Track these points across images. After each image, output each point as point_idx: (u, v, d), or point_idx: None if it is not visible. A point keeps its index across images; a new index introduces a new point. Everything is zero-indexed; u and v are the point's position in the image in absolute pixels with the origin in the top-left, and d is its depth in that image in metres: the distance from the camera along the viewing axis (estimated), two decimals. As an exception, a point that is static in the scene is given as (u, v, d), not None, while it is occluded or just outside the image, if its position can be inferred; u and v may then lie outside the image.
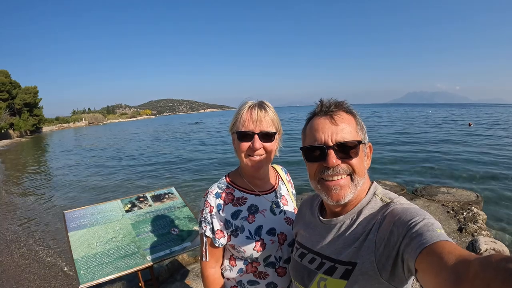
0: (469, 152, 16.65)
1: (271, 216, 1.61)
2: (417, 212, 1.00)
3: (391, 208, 1.08)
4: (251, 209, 1.58)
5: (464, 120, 44.30)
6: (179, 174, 14.06)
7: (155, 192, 3.35)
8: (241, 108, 1.54)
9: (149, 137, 40.05)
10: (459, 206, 6.25)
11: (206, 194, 1.60)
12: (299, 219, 1.49)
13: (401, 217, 1.00)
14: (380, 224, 1.06)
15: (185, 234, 2.81)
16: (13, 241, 6.95)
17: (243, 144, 1.51)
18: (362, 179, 1.16)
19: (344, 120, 1.15)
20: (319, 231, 1.28)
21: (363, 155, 1.18)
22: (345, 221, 1.18)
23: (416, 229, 0.92)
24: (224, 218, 1.54)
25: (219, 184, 1.63)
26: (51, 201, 10.63)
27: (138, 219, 2.93)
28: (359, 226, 1.13)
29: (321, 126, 1.16)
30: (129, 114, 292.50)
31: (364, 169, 1.17)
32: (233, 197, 1.59)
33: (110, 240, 2.67)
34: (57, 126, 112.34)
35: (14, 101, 79.82)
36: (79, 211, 3.02)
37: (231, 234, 1.55)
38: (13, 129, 71.96)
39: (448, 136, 24.76)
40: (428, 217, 0.96)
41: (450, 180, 11.03)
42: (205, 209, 1.55)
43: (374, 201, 1.17)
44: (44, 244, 6.66)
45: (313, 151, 1.17)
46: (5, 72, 79.18)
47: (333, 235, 1.20)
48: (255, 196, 1.62)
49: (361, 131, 1.19)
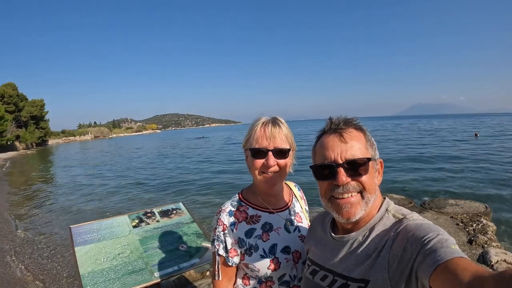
0: (477, 162, 16.57)
1: (285, 234, 1.58)
2: (430, 228, 0.98)
3: (404, 224, 1.06)
4: (265, 227, 1.55)
5: (470, 130, 44.06)
6: (186, 190, 14.02)
7: (162, 207, 3.32)
8: (254, 125, 1.53)
9: (155, 152, 40.11)
10: (468, 218, 6.16)
11: (219, 212, 1.57)
12: (311, 235, 1.47)
13: (415, 234, 0.98)
14: (393, 241, 1.04)
15: (194, 250, 2.76)
16: (17, 252, 6.93)
17: (257, 161, 1.49)
18: (373, 196, 1.14)
19: (353, 137, 1.15)
20: (331, 248, 1.26)
21: (374, 172, 1.17)
22: (357, 238, 1.16)
23: (430, 245, 0.90)
24: (237, 236, 1.52)
25: (232, 202, 1.60)
26: (56, 214, 10.63)
27: (146, 235, 2.89)
28: (371, 243, 1.11)
29: (330, 144, 1.15)
30: (134, 128, 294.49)
31: (374, 186, 1.16)
32: (247, 215, 1.56)
33: (117, 256, 2.64)
34: (63, 139, 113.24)
35: (20, 113, 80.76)
36: (86, 226, 2.99)
37: (245, 252, 1.51)
38: (19, 141, 72.57)
39: (454, 147, 24.69)
40: (442, 233, 0.95)
41: (458, 192, 10.93)
42: (218, 227, 1.53)
43: (386, 218, 1.15)
44: (49, 257, 6.62)
45: (323, 170, 1.16)
46: (12, 84, 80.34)
47: (345, 252, 1.18)
48: (269, 214, 1.59)
49: (371, 147, 1.18)
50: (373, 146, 1.19)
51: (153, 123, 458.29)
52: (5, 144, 60.69)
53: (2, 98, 73.78)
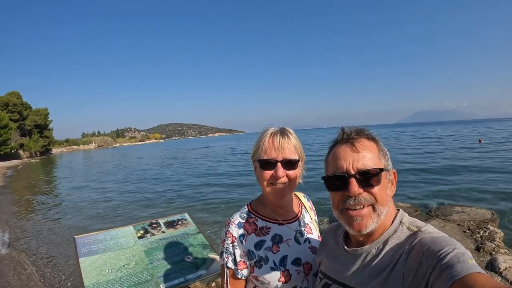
0: (481, 169, 16.50)
1: (296, 245, 1.55)
2: (446, 241, 0.96)
3: (419, 237, 1.04)
4: (275, 239, 1.53)
5: (474, 136, 43.92)
6: (191, 200, 13.97)
7: (168, 218, 3.29)
8: (262, 135, 1.52)
9: (159, 162, 40.09)
10: (475, 225, 6.13)
11: (227, 224, 1.55)
12: (323, 248, 1.45)
13: (430, 247, 0.96)
14: (408, 254, 1.02)
15: (200, 261, 2.72)
16: (19, 262, 6.90)
17: (266, 173, 1.47)
18: (385, 208, 1.12)
19: (365, 147, 1.14)
20: (344, 261, 1.24)
21: (387, 183, 1.15)
22: (371, 251, 1.14)
23: (447, 260, 0.88)
24: (247, 248, 1.49)
25: (241, 214, 1.58)
26: (59, 224, 10.61)
27: (151, 246, 2.86)
28: (385, 256, 1.09)
29: (342, 154, 1.14)
30: (138, 137, 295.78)
31: (387, 198, 1.13)
32: (256, 226, 1.54)
33: (123, 267, 2.60)
34: (67, 148, 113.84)
35: (25, 122, 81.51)
36: (90, 237, 2.96)
37: (255, 265, 1.49)
38: (23, 150, 72.99)
39: (458, 154, 24.57)
40: (459, 247, 0.93)
41: (464, 199, 10.87)
42: (227, 240, 1.51)
43: (400, 230, 1.13)
44: (52, 267, 6.59)
45: (335, 180, 1.15)
46: (17, 93, 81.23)
47: (358, 265, 1.16)
48: (278, 225, 1.57)
49: (383, 157, 1.16)
50: (386, 156, 1.18)
51: (157, 132, 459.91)
52: (9, 152, 61.04)
53: (7, 107, 74.49)
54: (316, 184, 10.55)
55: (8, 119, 63.30)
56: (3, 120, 59.99)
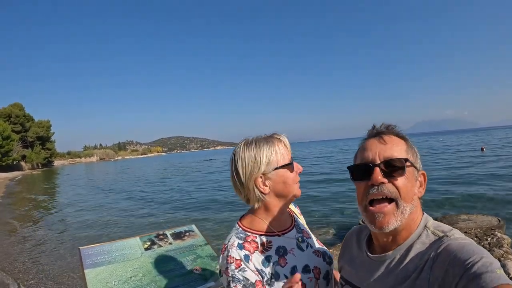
0: (485, 176, 16.54)
1: (300, 253, 1.51)
2: (474, 249, 0.92)
3: (446, 244, 0.99)
4: (279, 252, 1.47)
5: (477, 145, 43.80)
6: (197, 212, 13.94)
7: (175, 229, 3.24)
8: (271, 145, 1.49)
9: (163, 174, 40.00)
10: (482, 232, 6.08)
11: (224, 250, 1.43)
12: (345, 252, 1.42)
13: (457, 255, 0.92)
14: (433, 261, 0.98)
15: (208, 273, 2.66)
16: (21, 272, 6.83)
17: (292, 174, 1.49)
18: (409, 205, 1.07)
19: (393, 140, 1.13)
20: (367, 267, 1.20)
21: (414, 179, 1.11)
22: (395, 257, 1.10)
23: (474, 269, 0.84)
24: (255, 268, 1.40)
25: (237, 235, 1.48)
26: (63, 235, 10.54)
27: (159, 258, 2.80)
28: (410, 263, 1.04)
29: (369, 145, 1.14)
30: (140, 151, 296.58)
31: (413, 195, 1.09)
32: (257, 244, 1.46)
33: (129, 279, 2.54)
34: (69, 161, 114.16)
35: (27, 133, 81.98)
36: (96, 248, 2.90)
37: (266, 283, 1.40)
38: (25, 161, 73.13)
39: (462, 162, 24.56)
40: (486, 256, 0.89)
41: (469, 207, 10.85)
42: (230, 266, 1.37)
43: (425, 235, 1.08)
44: (57, 278, 6.50)
45: (359, 169, 1.14)
46: (19, 105, 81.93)
47: (382, 272, 1.12)
48: (278, 237, 1.51)
49: (412, 154, 1.13)
50: (415, 155, 1.15)
51: (158, 145, 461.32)
52: (11, 163, 61.15)
53: (9, 118, 75.03)
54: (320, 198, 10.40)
55: (10, 130, 63.68)
56: (5, 132, 60.35)
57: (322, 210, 12.49)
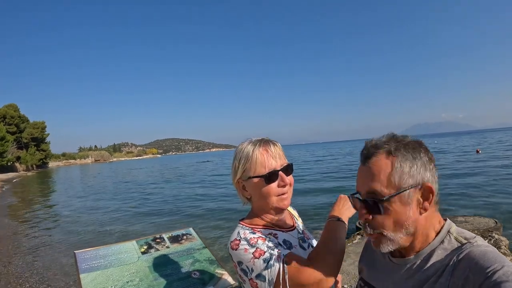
0: (480, 178, 16.67)
1: (303, 252, 1.48)
2: (495, 257, 0.91)
3: (467, 250, 0.98)
4: (286, 244, 1.44)
5: (472, 147, 44.06)
6: (195, 215, 13.87)
7: (172, 233, 3.18)
8: (250, 151, 1.42)
9: (159, 177, 39.88)
10: (479, 234, 6.06)
11: (238, 242, 1.34)
12: (365, 254, 1.40)
13: (478, 263, 0.91)
14: (454, 267, 0.97)
15: (207, 277, 2.62)
16: (16, 276, 6.75)
17: (272, 186, 1.39)
18: (402, 232, 1.03)
19: (379, 165, 1.04)
20: (387, 270, 1.19)
21: (405, 205, 1.02)
22: (416, 261, 1.08)
23: (495, 278, 0.84)
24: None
25: (241, 230, 1.41)
26: (58, 238, 10.45)
27: (156, 262, 2.75)
28: (431, 268, 1.03)
29: (359, 173, 1.12)
30: (135, 152, 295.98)
31: (404, 221, 1.02)
32: (264, 234, 1.41)
33: (126, 284, 2.49)
34: (64, 162, 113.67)
35: (22, 135, 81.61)
36: (92, 252, 2.85)
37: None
38: (20, 163, 72.69)
39: (457, 164, 24.74)
40: (508, 264, 0.87)
41: (465, 208, 10.92)
42: (250, 246, 1.30)
43: (447, 241, 1.06)
44: (50, 283, 6.42)
45: (354, 199, 1.14)
46: (14, 106, 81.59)
47: (402, 275, 1.11)
48: (282, 232, 1.48)
49: (399, 178, 1.02)
50: (403, 176, 1.02)
51: (154, 147, 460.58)
52: (6, 165, 60.73)
53: (4, 119, 74.65)
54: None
55: (5, 131, 63.30)
56: (0, 132, 59.97)
57: (322, 211, 12.52)
